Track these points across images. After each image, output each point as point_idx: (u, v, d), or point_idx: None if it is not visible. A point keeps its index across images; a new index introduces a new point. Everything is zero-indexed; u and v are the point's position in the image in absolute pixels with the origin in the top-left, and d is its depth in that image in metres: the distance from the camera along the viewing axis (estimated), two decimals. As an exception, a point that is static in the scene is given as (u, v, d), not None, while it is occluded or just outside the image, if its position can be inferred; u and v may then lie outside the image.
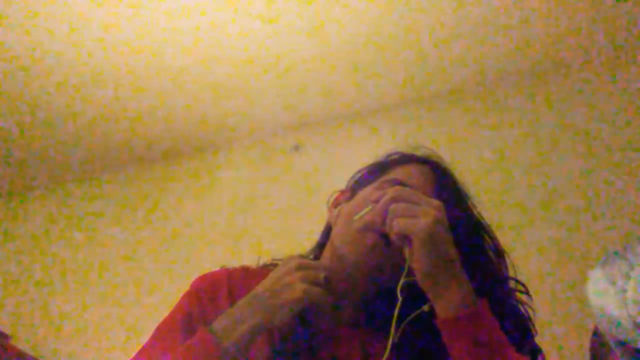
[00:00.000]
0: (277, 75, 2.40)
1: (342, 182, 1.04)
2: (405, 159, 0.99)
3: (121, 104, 2.55)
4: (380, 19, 2.14)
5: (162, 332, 0.90)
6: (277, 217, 2.52)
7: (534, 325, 0.92)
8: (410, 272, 0.81)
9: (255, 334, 0.80)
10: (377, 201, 0.84)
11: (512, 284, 0.94)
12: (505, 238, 0.97)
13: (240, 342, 0.79)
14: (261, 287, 0.83)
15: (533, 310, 0.93)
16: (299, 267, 0.82)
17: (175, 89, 2.47)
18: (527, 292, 0.94)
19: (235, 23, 2.16)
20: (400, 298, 0.81)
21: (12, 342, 2.36)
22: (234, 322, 0.80)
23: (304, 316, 0.86)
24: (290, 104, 2.56)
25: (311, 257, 1.03)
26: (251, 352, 0.82)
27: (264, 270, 0.98)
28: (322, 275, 0.81)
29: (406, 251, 0.80)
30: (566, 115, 2.26)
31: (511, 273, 0.95)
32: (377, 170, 0.99)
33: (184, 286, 0.96)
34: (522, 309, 0.92)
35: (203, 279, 0.96)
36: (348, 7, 2.09)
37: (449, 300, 0.78)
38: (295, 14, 2.13)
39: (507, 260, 0.95)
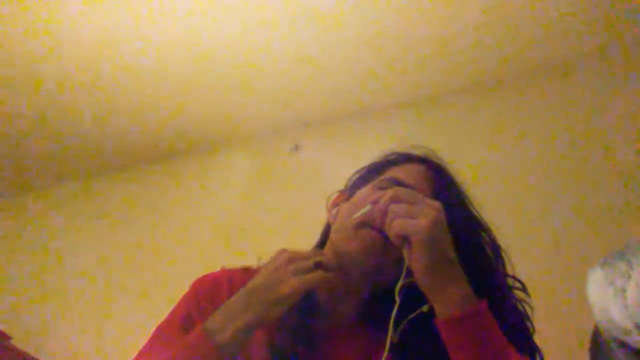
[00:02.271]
0: (277, 75, 2.40)
1: (342, 182, 1.04)
2: (402, 159, 1.00)
3: (121, 104, 2.55)
4: (380, 19, 2.14)
5: (162, 333, 0.91)
6: (277, 217, 2.52)
7: (532, 323, 0.92)
8: (410, 272, 0.81)
9: (249, 329, 0.80)
10: (376, 202, 0.84)
11: (509, 281, 0.94)
12: (505, 238, 0.97)
13: (235, 338, 0.79)
14: (254, 283, 0.83)
15: (531, 307, 0.93)
16: (290, 260, 0.82)
17: (175, 89, 2.47)
18: (524, 289, 0.94)
19: (235, 23, 2.16)
20: (398, 300, 0.81)
21: (12, 342, 2.36)
22: (228, 318, 0.80)
23: (303, 317, 0.86)
24: (290, 104, 2.56)
25: None
26: (251, 353, 0.82)
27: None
28: (311, 262, 0.82)
29: (405, 252, 0.80)
30: (567, 115, 2.26)
31: (509, 271, 0.95)
32: (375, 170, 0.99)
33: (184, 287, 0.96)
34: (520, 307, 0.92)
35: (203, 280, 0.96)
36: (348, 8, 2.09)
37: (448, 301, 0.78)
38: (296, 14, 2.12)
39: (505, 258, 0.95)
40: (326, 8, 2.09)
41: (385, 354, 0.79)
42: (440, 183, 0.95)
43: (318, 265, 0.81)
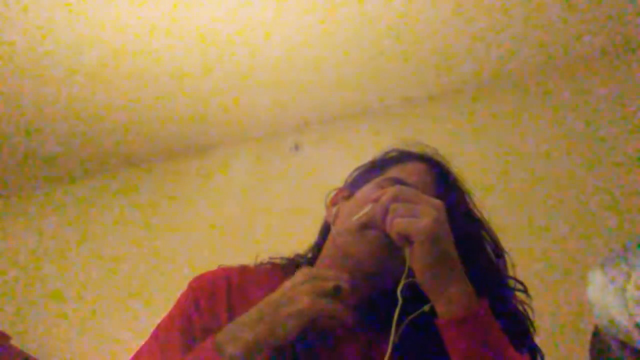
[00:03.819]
0: (277, 75, 2.40)
1: (341, 182, 1.04)
2: (403, 157, 0.99)
3: (121, 104, 2.55)
4: (380, 19, 2.14)
5: (161, 333, 0.90)
6: (277, 217, 2.52)
7: (533, 325, 0.91)
8: (411, 272, 0.81)
9: (260, 347, 0.77)
10: (376, 200, 0.83)
11: (511, 282, 0.94)
12: (505, 238, 0.97)
13: (246, 351, 0.77)
14: (269, 299, 0.80)
15: (532, 309, 0.93)
16: (306, 279, 0.79)
17: (175, 89, 2.47)
18: (526, 291, 0.94)
19: (235, 23, 2.16)
20: (400, 300, 0.81)
21: (12, 342, 2.36)
22: (240, 331, 0.78)
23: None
24: (290, 104, 2.56)
25: (309, 256, 1.02)
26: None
27: (262, 269, 0.98)
28: (330, 285, 0.78)
29: (406, 251, 0.80)
30: (566, 115, 2.26)
31: (510, 272, 0.95)
32: (376, 168, 0.98)
33: (183, 285, 0.96)
34: (521, 308, 0.92)
35: (201, 278, 0.95)
36: (347, 8, 2.09)
37: (449, 301, 0.77)
38: (296, 15, 2.12)
39: (506, 259, 0.95)
40: (326, 8, 2.09)
41: (388, 354, 0.79)
42: (442, 181, 0.94)
43: (337, 289, 0.78)
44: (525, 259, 1.02)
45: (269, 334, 0.77)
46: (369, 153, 1.05)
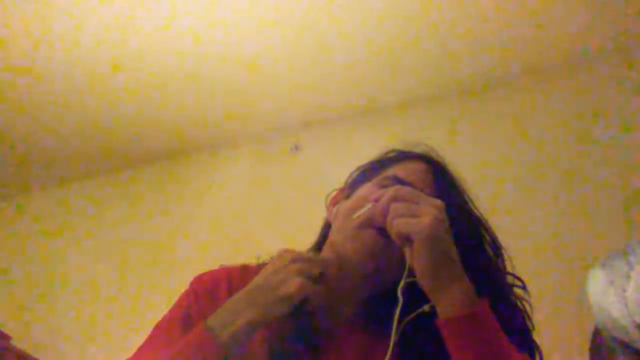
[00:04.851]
0: (277, 75, 2.40)
1: (342, 182, 1.04)
2: (403, 156, 0.99)
3: (121, 104, 2.55)
4: (379, 19, 2.14)
5: (161, 331, 0.90)
6: (277, 217, 2.52)
7: (531, 321, 0.92)
8: (411, 272, 0.81)
9: (251, 328, 0.79)
10: (377, 200, 0.83)
11: (510, 279, 0.94)
12: (504, 237, 0.97)
13: (237, 336, 0.78)
14: (257, 281, 0.82)
15: (530, 305, 0.93)
16: (294, 260, 0.82)
17: (175, 89, 2.47)
18: (524, 287, 0.94)
19: (235, 23, 2.16)
20: (401, 299, 0.81)
21: (12, 342, 2.36)
22: (230, 316, 0.79)
23: (303, 315, 0.85)
24: (290, 104, 2.56)
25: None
26: (250, 352, 0.82)
27: (263, 268, 0.98)
28: (317, 270, 0.81)
29: (407, 251, 0.80)
30: (566, 115, 2.26)
31: (508, 268, 0.95)
32: (375, 167, 0.98)
33: (184, 285, 0.96)
34: (520, 305, 0.92)
35: (202, 277, 0.96)
36: (347, 8, 2.09)
37: (449, 301, 0.77)
38: (295, 14, 2.12)
39: (505, 257, 0.95)
40: (326, 9, 2.09)
41: (388, 354, 0.79)
42: (441, 181, 0.94)
43: (323, 275, 0.80)
44: (524, 259, 1.02)
45: (262, 315, 0.79)
46: (369, 153, 1.05)
